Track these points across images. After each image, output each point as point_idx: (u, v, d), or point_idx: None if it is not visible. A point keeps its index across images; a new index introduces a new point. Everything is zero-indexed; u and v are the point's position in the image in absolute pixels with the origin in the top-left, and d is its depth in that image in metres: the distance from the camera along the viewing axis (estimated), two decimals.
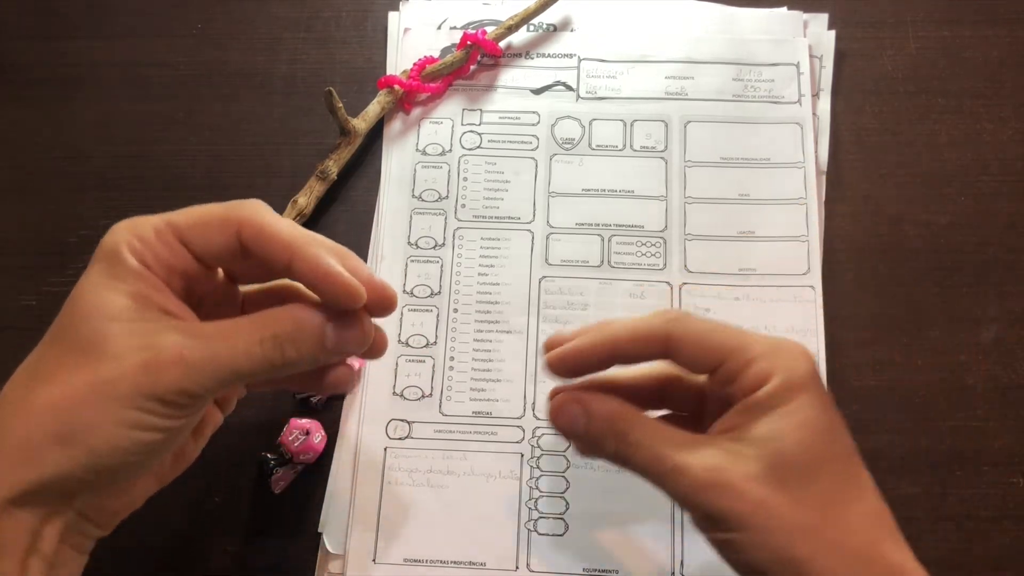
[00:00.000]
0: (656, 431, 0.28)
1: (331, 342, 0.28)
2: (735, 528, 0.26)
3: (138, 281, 0.27)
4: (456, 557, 0.38)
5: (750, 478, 0.26)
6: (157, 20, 0.50)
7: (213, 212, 0.28)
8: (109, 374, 0.26)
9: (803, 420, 0.27)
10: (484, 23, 0.48)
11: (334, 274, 0.27)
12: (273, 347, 0.27)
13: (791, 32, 0.47)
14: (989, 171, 0.45)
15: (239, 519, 0.39)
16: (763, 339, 0.28)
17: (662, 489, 0.28)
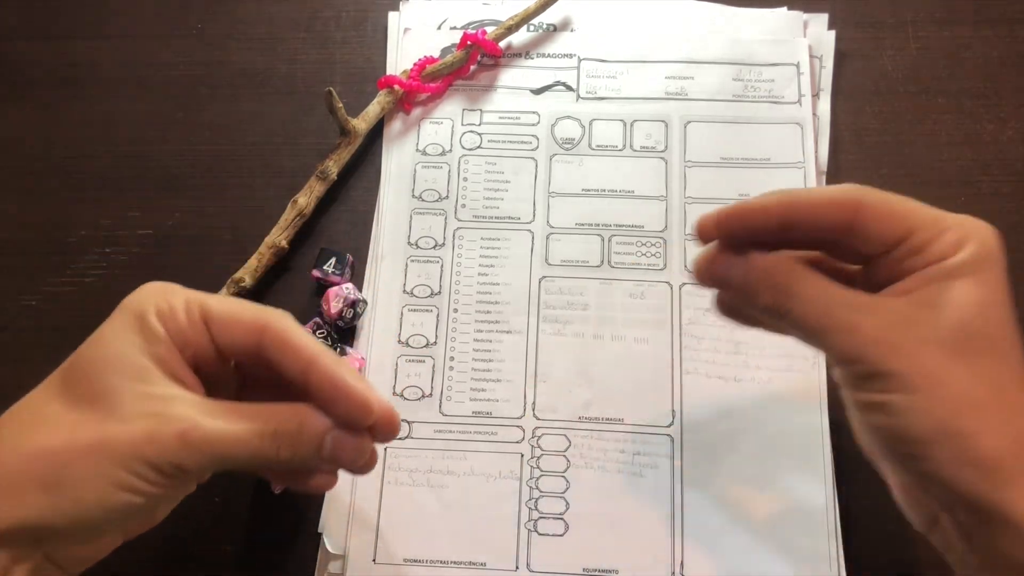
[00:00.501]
0: (823, 284, 0.27)
1: (328, 451, 0.28)
2: (901, 390, 0.25)
3: (159, 346, 0.28)
4: (456, 557, 0.38)
5: (927, 341, 0.25)
6: (157, 20, 0.50)
7: (245, 310, 0.29)
8: (113, 434, 0.26)
9: (989, 295, 0.26)
10: (484, 23, 0.48)
11: (351, 387, 0.28)
12: (272, 443, 0.27)
13: (791, 32, 0.47)
14: (989, 171, 0.45)
15: (239, 519, 0.39)
16: (953, 215, 0.27)
17: (823, 344, 0.27)
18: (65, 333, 0.32)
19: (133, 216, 0.45)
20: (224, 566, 0.38)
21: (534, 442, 0.40)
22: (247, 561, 0.38)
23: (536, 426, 0.40)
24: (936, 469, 0.25)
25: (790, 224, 0.28)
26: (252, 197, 0.45)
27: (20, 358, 0.42)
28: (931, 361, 0.25)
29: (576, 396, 0.40)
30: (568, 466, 0.39)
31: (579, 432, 0.40)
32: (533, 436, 0.40)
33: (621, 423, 0.40)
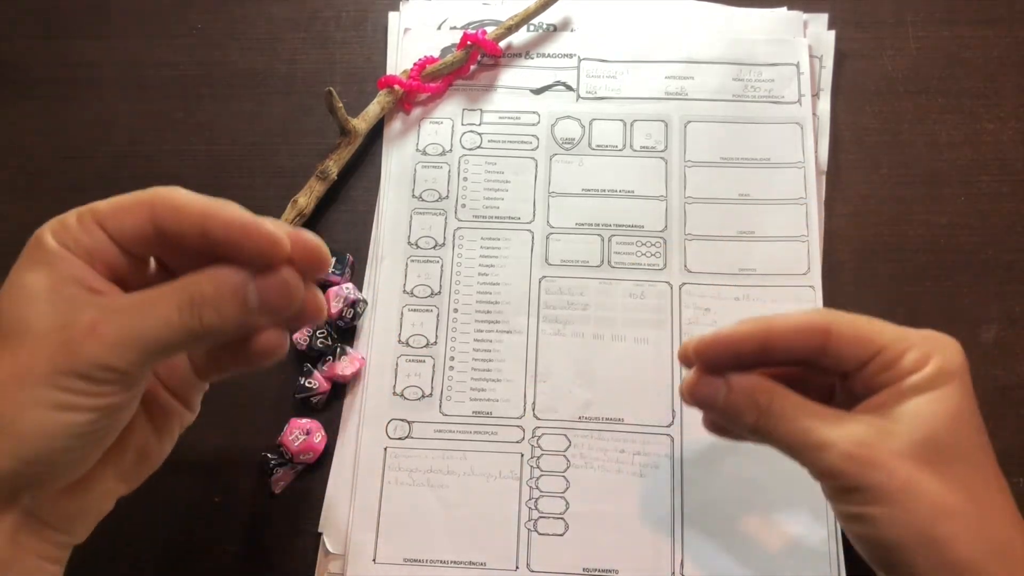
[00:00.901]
0: (800, 403, 0.29)
1: (254, 300, 0.26)
2: (877, 502, 0.26)
3: (60, 262, 0.26)
4: (456, 557, 0.38)
5: (898, 455, 0.27)
6: (157, 20, 0.50)
7: (129, 196, 0.27)
8: (27, 356, 0.25)
9: (955, 407, 0.28)
10: (484, 23, 0.48)
11: (250, 223, 0.26)
12: (191, 311, 0.25)
13: (791, 32, 0.47)
14: (989, 171, 0.45)
15: (239, 519, 0.39)
16: (917, 331, 0.29)
17: (802, 460, 0.28)
18: None
19: None
20: (224, 566, 0.38)
21: (534, 442, 0.40)
22: (247, 561, 0.38)
23: (536, 426, 0.40)
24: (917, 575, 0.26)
25: (766, 350, 0.29)
26: (252, 197, 0.45)
27: None
28: (904, 473, 0.26)
29: (576, 396, 0.40)
30: (568, 466, 0.39)
31: (579, 432, 0.40)
32: (533, 436, 0.40)
33: (621, 423, 0.40)
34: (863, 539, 0.28)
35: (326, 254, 0.28)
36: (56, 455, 0.25)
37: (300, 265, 0.27)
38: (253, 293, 0.26)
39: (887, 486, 0.26)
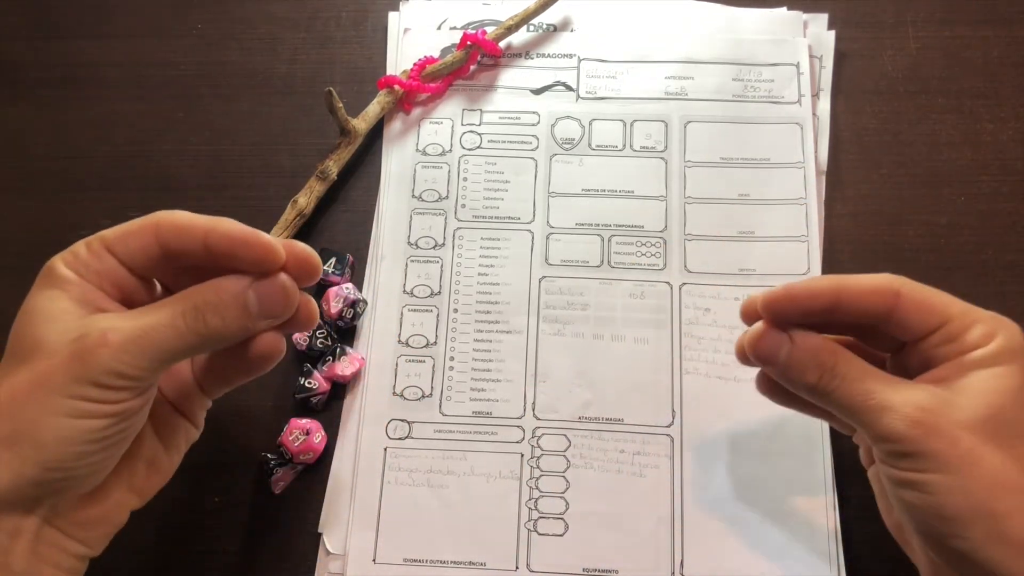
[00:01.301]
0: (864, 366, 0.29)
1: (254, 304, 0.28)
2: (937, 470, 0.26)
3: (71, 286, 0.28)
4: (456, 557, 0.38)
5: (961, 425, 0.27)
6: (157, 20, 0.50)
7: (134, 222, 0.30)
8: (43, 369, 0.26)
9: (1020, 384, 0.27)
10: (484, 23, 0.48)
11: (248, 234, 0.28)
12: (195, 317, 0.27)
13: (791, 32, 0.47)
14: (989, 171, 0.45)
15: (239, 519, 0.39)
16: (983, 310, 0.29)
17: (861, 422, 0.28)
18: None
19: (133, 216, 0.44)
20: (224, 566, 0.38)
21: (534, 442, 0.40)
22: (247, 561, 0.38)
23: (536, 426, 0.40)
24: (969, 547, 0.26)
25: (836, 308, 0.29)
26: (252, 197, 0.45)
27: None
28: (967, 444, 0.26)
29: (576, 396, 0.40)
30: (568, 466, 0.39)
31: (579, 432, 0.40)
32: (533, 436, 0.40)
33: (621, 423, 0.40)
34: (915, 506, 0.27)
35: (317, 262, 0.30)
36: (75, 460, 0.27)
37: (293, 272, 0.29)
38: (253, 298, 0.28)
39: (948, 454, 0.26)
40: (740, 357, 0.31)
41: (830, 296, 0.29)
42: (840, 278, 0.29)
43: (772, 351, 0.29)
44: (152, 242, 0.29)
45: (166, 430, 0.32)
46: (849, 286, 0.29)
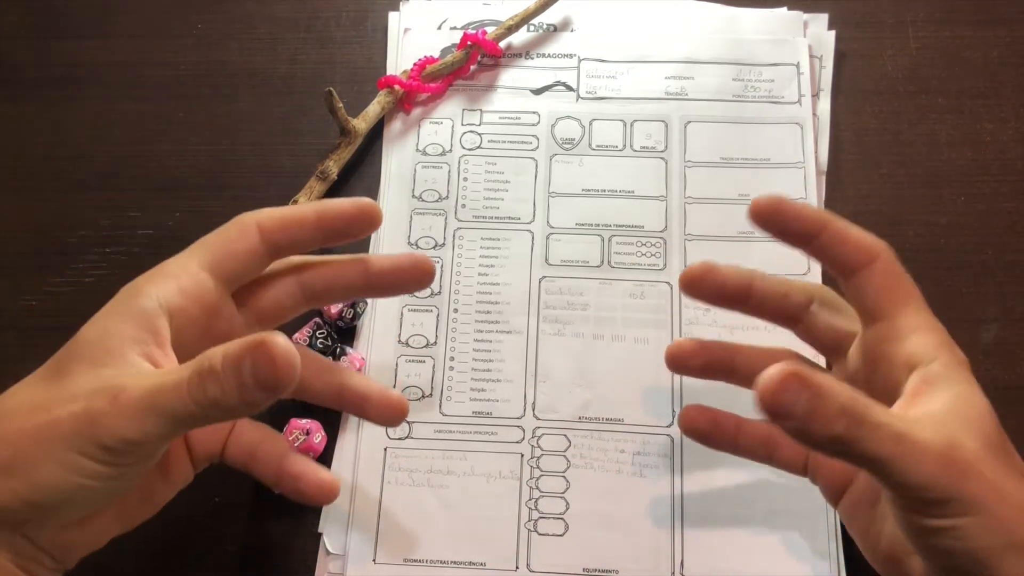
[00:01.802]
0: (888, 410, 0.25)
1: (249, 375, 0.25)
2: (969, 512, 0.24)
3: (138, 325, 0.28)
4: (456, 557, 0.38)
5: (976, 457, 0.25)
6: (157, 20, 0.50)
7: (230, 227, 0.31)
8: (58, 416, 0.26)
9: (978, 389, 0.27)
10: (484, 23, 0.48)
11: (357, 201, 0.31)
12: (198, 383, 0.25)
13: (791, 32, 0.47)
14: (989, 171, 0.45)
15: (239, 519, 0.39)
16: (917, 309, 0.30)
17: (888, 472, 0.24)
18: (65, 333, 0.31)
19: (133, 216, 0.45)
20: (224, 566, 0.38)
21: (534, 442, 0.40)
22: (247, 561, 0.38)
23: (536, 426, 0.40)
24: None
25: (774, 222, 0.30)
26: (252, 197, 0.45)
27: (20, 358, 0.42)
28: (990, 477, 0.25)
29: (576, 396, 0.40)
30: (568, 466, 0.39)
31: (579, 432, 0.40)
32: (533, 436, 0.40)
33: (621, 423, 0.40)
34: (950, 552, 0.25)
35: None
36: (64, 507, 0.27)
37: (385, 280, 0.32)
38: (248, 366, 0.25)
39: (978, 494, 0.24)
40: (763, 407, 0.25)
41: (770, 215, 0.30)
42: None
43: (793, 402, 0.24)
44: (256, 241, 0.30)
45: (169, 468, 0.32)
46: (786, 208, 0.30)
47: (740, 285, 0.33)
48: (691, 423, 0.35)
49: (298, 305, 0.33)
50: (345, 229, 0.31)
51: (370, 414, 0.34)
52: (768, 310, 0.33)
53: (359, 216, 0.31)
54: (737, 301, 0.33)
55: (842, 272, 0.30)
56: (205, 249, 0.30)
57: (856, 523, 0.32)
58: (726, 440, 0.34)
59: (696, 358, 0.34)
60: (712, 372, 0.34)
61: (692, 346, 0.34)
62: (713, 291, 0.33)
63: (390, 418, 0.34)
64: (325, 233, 0.31)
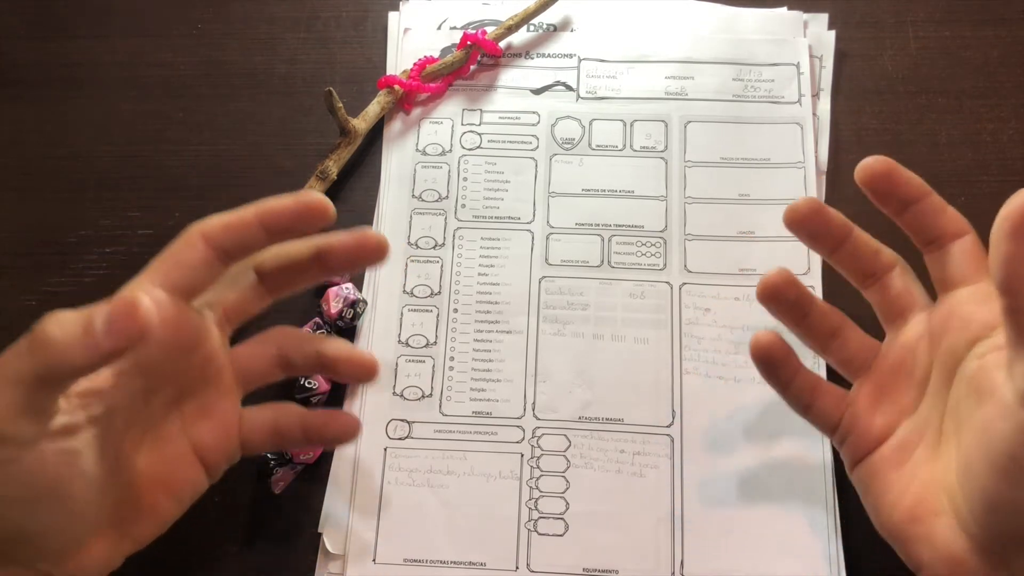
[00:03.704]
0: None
1: (100, 323, 0.25)
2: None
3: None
4: (456, 557, 0.38)
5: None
6: (157, 20, 0.50)
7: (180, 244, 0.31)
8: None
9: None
10: (484, 23, 0.48)
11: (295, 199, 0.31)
12: (34, 334, 0.25)
13: (791, 32, 0.47)
14: (989, 171, 0.45)
15: (239, 519, 0.39)
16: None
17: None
18: None
19: (133, 216, 0.45)
20: (224, 566, 0.38)
21: (534, 442, 0.40)
22: (247, 561, 0.38)
23: (536, 426, 0.40)
24: None
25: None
26: (252, 197, 0.44)
27: None
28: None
29: (576, 396, 0.40)
30: (568, 466, 0.39)
31: (579, 432, 0.40)
32: (533, 436, 0.40)
33: (621, 423, 0.40)
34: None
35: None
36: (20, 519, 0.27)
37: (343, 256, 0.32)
38: (102, 313, 0.25)
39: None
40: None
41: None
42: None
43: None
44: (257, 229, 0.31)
45: (173, 481, 0.32)
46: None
47: (843, 227, 0.33)
48: (767, 349, 0.34)
49: (261, 298, 0.34)
50: (292, 225, 0.31)
51: (342, 374, 0.35)
52: (858, 261, 0.34)
53: (303, 211, 0.31)
54: (836, 242, 0.33)
55: (933, 240, 0.32)
56: (156, 268, 0.30)
57: (875, 486, 0.32)
58: (786, 376, 0.34)
59: (792, 289, 0.34)
60: (794, 311, 0.34)
61: (787, 277, 0.34)
62: (820, 226, 0.33)
63: (360, 375, 0.34)
64: (270, 232, 0.31)
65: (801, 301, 0.34)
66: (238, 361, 0.34)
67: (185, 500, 0.32)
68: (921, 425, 0.31)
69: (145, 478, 0.31)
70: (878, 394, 0.33)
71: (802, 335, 0.35)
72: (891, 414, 0.32)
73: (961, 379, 0.30)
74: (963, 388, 0.29)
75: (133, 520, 0.31)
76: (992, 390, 0.27)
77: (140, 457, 0.31)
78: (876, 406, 0.33)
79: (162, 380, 0.31)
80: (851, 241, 0.34)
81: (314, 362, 0.34)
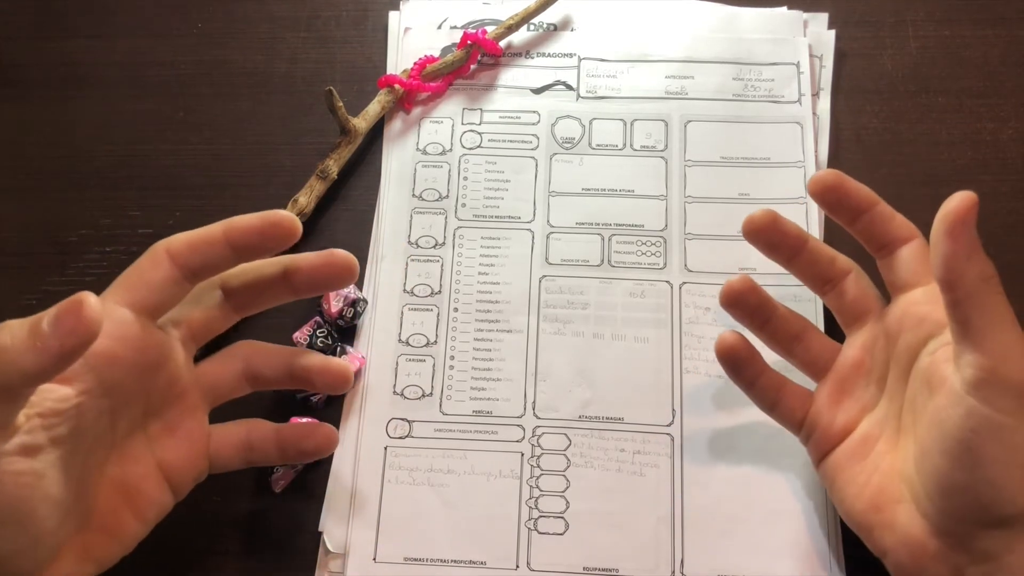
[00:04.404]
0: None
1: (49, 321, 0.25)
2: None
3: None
4: (456, 556, 0.38)
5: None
6: (157, 20, 0.50)
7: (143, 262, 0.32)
8: None
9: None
10: (484, 22, 0.48)
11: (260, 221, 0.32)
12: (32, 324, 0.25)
13: (791, 31, 0.47)
14: (989, 171, 0.45)
15: (239, 519, 0.39)
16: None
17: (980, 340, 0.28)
18: None
19: (133, 216, 0.45)
20: (224, 566, 0.38)
21: (534, 441, 0.40)
22: (247, 561, 0.38)
23: (536, 425, 0.40)
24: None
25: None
26: (252, 197, 0.45)
27: None
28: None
29: (576, 395, 0.40)
30: (568, 465, 0.39)
31: (579, 431, 0.40)
32: (533, 435, 0.40)
33: (621, 422, 0.40)
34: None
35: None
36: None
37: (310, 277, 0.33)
38: (50, 313, 0.25)
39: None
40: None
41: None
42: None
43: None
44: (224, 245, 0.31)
45: (137, 501, 0.31)
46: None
47: (799, 238, 0.35)
48: (731, 348, 0.36)
49: (227, 316, 0.34)
50: (258, 244, 0.31)
51: (317, 385, 0.35)
52: (815, 268, 0.35)
53: (269, 229, 0.31)
54: (793, 252, 0.35)
55: (884, 246, 0.33)
56: (121, 286, 0.30)
57: (840, 479, 0.34)
58: (750, 374, 0.36)
59: (753, 296, 0.35)
60: (755, 316, 0.36)
61: (749, 285, 0.35)
62: (776, 237, 0.35)
63: (333, 386, 0.35)
64: (237, 250, 0.31)
65: (763, 307, 0.36)
66: (204, 377, 0.34)
67: (150, 520, 0.32)
68: (881, 420, 0.33)
69: (109, 499, 0.31)
70: (839, 393, 0.35)
71: (765, 339, 0.36)
72: (852, 411, 0.34)
73: (916, 375, 0.31)
74: (918, 383, 0.31)
75: (96, 542, 0.30)
76: (942, 381, 0.29)
77: (104, 477, 0.31)
78: (838, 404, 0.34)
79: (126, 399, 0.31)
80: (807, 250, 0.35)
81: (284, 375, 0.35)
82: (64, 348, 0.25)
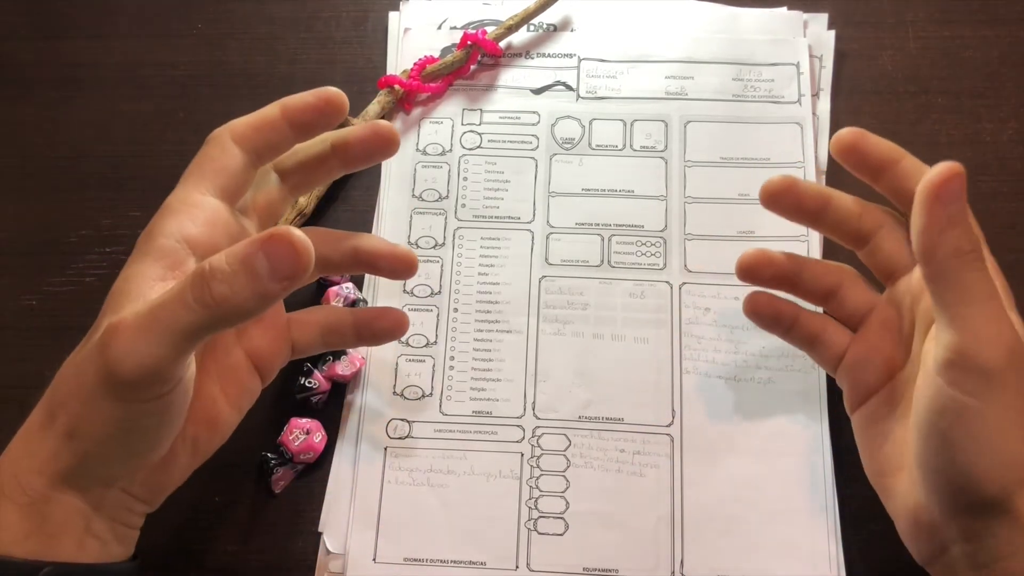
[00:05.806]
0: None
1: (264, 267, 0.25)
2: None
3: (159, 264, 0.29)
4: (456, 556, 0.38)
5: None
6: (157, 20, 0.50)
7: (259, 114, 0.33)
8: (84, 367, 0.27)
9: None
10: (484, 23, 0.48)
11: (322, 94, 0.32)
12: (200, 285, 0.25)
13: (791, 32, 0.47)
14: (989, 171, 0.45)
15: (239, 519, 0.39)
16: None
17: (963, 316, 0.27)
18: (65, 333, 0.32)
19: (133, 216, 0.45)
20: (224, 566, 0.38)
21: (534, 441, 0.40)
22: (247, 561, 0.38)
23: (536, 425, 0.40)
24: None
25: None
26: None
27: (20, 358, 0.42)
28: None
29: (576, 396, 0.40)
30: (568, 465, 0.39)
31: (579, 432, 0.40)
32: (533, 435, 0.40)
33: (621, 423, 0.40)
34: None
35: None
36: (123, 456, 0.28)
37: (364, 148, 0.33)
38: (262, 259, 0.25)
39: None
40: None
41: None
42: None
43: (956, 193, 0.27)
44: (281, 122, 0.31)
45: (235, 389, 0.33)
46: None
47: (820, 195, 0.34)
48: (758, 307, 0.36)
49: (285, 198, 0.34)
50: (314, 120, 0.31)
51: (382, 270, 0.35)
52: (842, 228, 0.34)
53: (323, 104, 0.31)
54: (817, 211, 0.34)
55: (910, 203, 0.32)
56: (196, 175, 0.31)
57: (865, 434, 0.34)
58: (782, 326, 0.35)
59: (768, 268, 0.35)
60: (779, 283, 0.35)
61: (764, 257, 0.35)
62: (792, 206, 0.34)
63: (400, 271, 0.35)
64: (295, 128, 0.31)
65: (784, 276, 0.35)
66: None
67: (244, 408, 0.33)
68: (905, 381, 0.32)
69: (209, 389, 0.32)
70: (872, 347, 0.34)
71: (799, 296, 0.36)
72: (883, 369, 0.33)
73: (929, 341, 0.31)
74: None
75: (200, 433, 0.32)
76: (926, 357, 0.29)
77: (202, 370, 0.31)
78: (872, 358, 0.34)
79: None
80: (832, 208, 0.34)
81: (351, 259, 0.35)
82: (285, 291, 0.26)
